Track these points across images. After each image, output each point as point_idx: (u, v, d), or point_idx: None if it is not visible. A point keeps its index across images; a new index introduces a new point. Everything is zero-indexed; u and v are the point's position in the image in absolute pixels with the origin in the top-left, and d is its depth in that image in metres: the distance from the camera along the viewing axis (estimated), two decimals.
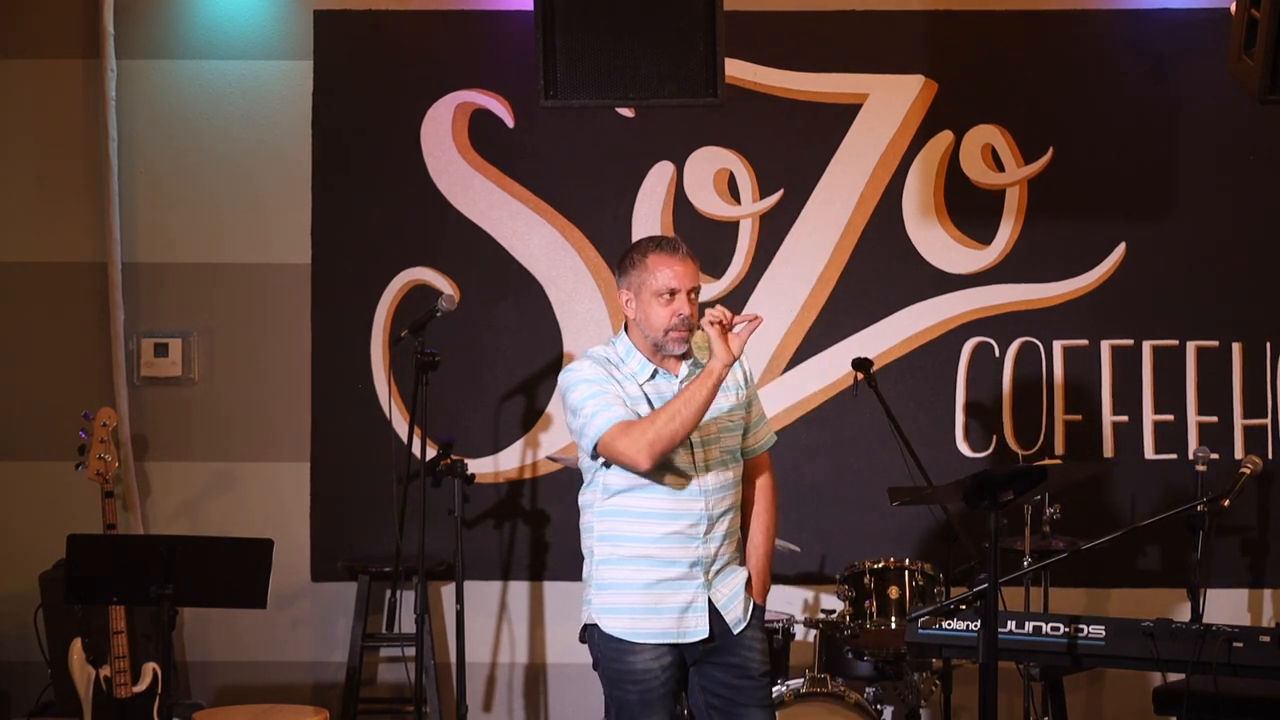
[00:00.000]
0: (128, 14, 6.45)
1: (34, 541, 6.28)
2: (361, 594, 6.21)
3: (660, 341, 4.14)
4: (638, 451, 3.99)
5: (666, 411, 4.01)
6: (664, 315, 4.12)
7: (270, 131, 6.50)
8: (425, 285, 6.45)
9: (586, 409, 4.08)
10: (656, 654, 4.11)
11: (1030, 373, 6.39)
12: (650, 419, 4.02)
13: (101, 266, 6.45)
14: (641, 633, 4.11)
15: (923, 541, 5.94)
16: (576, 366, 4.17)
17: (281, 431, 6.48)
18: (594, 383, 4.11)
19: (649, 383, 4.16)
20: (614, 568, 4.16)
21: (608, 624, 4.14)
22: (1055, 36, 6.37)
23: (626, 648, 4.12)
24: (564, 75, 4.99)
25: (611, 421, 4.03)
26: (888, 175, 6.40)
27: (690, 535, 4.12)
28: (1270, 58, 4.60)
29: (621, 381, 4.13)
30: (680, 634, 4.12)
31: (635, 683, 4.11)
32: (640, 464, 4.02)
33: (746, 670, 4.18)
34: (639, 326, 4.17)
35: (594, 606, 4.19)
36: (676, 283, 4.11)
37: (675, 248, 4.17)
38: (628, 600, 4.13)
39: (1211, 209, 6.35)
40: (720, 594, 4.17)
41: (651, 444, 3.99)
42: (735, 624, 4.18)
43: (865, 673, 5.49)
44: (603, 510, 4.21)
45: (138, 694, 5.64)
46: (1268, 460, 6.25)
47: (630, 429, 4.01)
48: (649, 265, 4.14)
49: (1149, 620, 4.39)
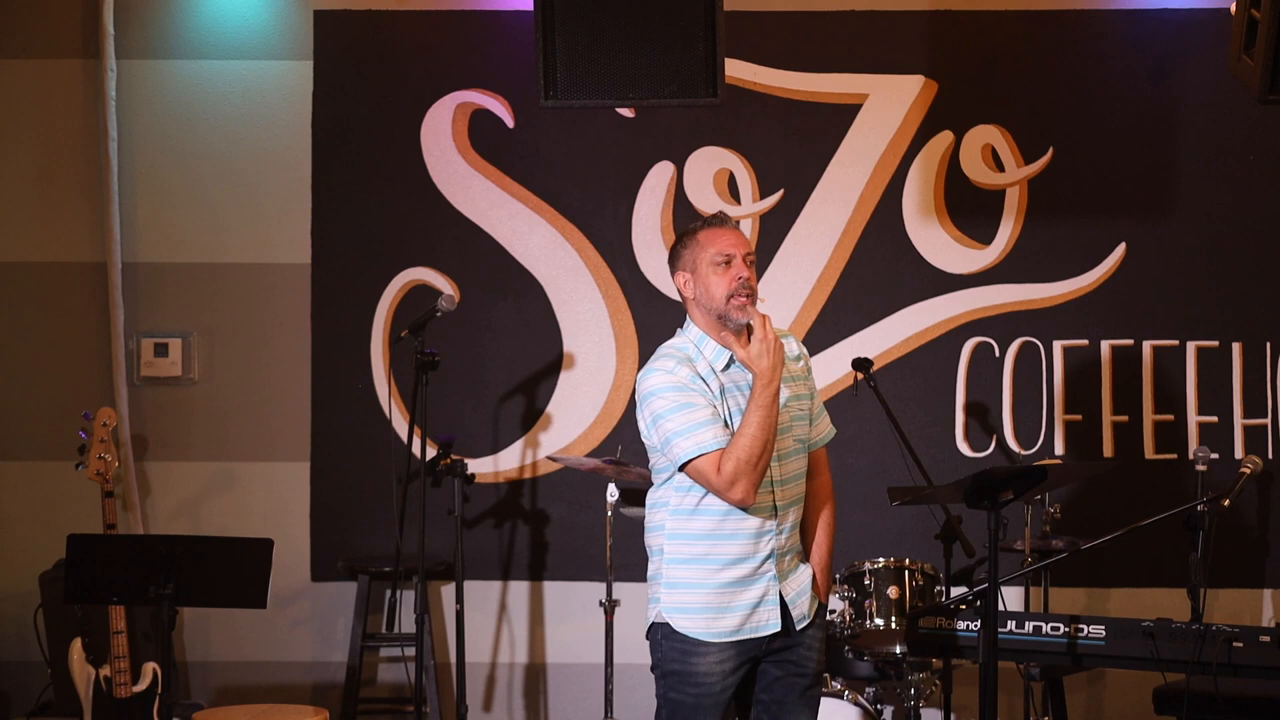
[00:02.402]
0: (128, 14, 6.46)
1: (34, 541, 6.28)
2: (361, 594, 6.21)
3: (724, 311, 4.08)
4: (743, 495, 3.96)
5: (755, 447, 3.94)
6: (724, 282, 4.07)
7: (270, 131, 6.50)
8: (425, 285, 6.45)
9: (673, 423, 4.00)
10: (721, 658, 4.06)
11: (1030, 373, 6.39)
12: (744, 461, 3.93)
13: (101, 266, 6.45)
14: (716, 632, 4.06)
15: (923, 541, 5.94)
16: (661, 366, 4.07)
17: (281, 431, 6.48)
18: (684, 390, 4.02)
19: (725, 373, 4.09)
20: (686, 566, 4.10)
21: (680, 623, 4.08)
22: (1055, 36, 6.37)
23: (693, 649, 4.06)
24: (564, 75, 4.99)
25: (705, 449, 3.97)
26: (888, 175, 6.40)
27: (763, 530, 4.07)
28: (1270, 58, 4.60)
29: (705, 378, 4.06)
30: (754, 629, 4.07)
31: (695, 685, 4.06)
32: (743, 504, 3.99)
33: (802, 668, 4.14)
34: (701, 305, 4.12)
35: (664, 605, 4.12)
36: (732, 248, 4.10)
37: (724, 220, 4.18)
38: (701, 599, 4.07)
39: (1211, 209, 6.35)
40: (790, 589, 4.13)
41: (752, 484, 3.96)
42: (800, 620, 4.13)
43: (865, 673, 5.49)
44: (677, 509, 4.12)
45: (138, 694, 5.64)
46: (1268, 460, 6.26)
47: (726, 465, 3.94)
48: (700, 240, 4.13)
49: (1149, 620, 4.39)
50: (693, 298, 4.14)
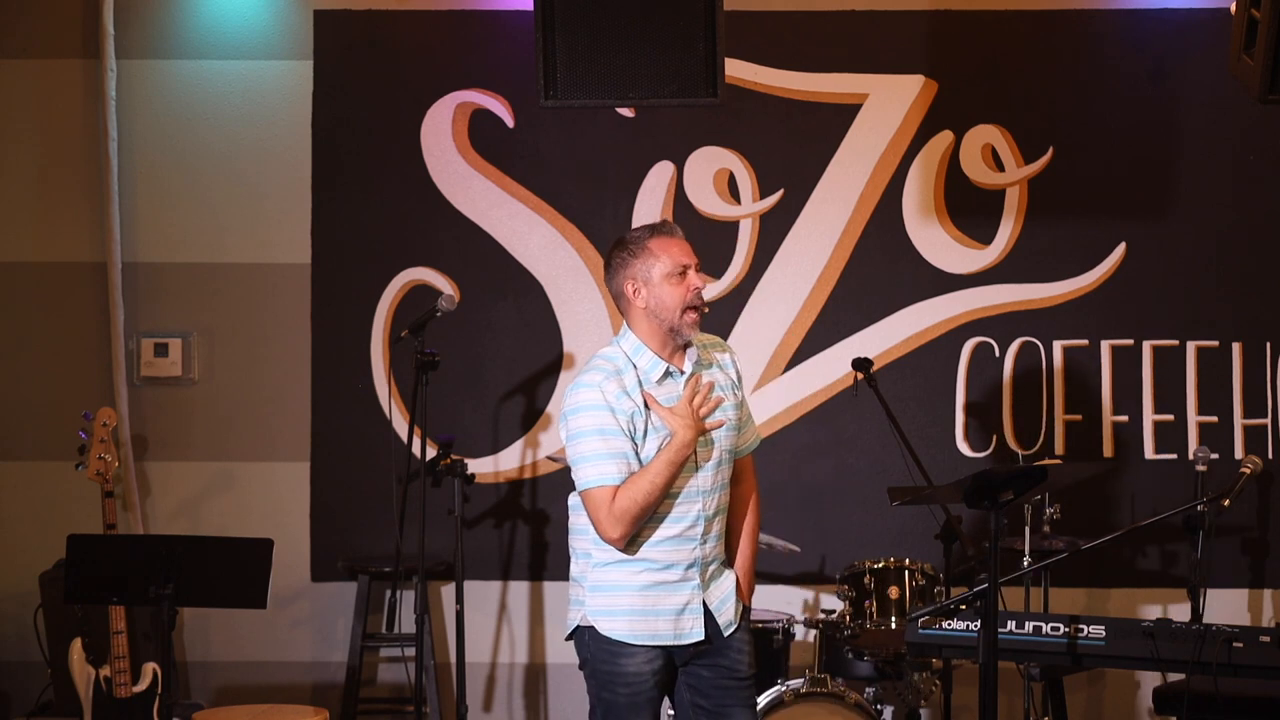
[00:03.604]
0: (128, 14, 6.46)
1: (34, 541, 6.28)
2: (361, 594, 6.21)
3: (677, 324, 4.08)
4: (616, 535, 4.00)
5: (642, 492, 3.97)
6: (680, 293, 4.07)
7: (270, 131, 6.50)
8: (425, 285, 6.45)
9: (583, 447, 4.03)
10: (649, 657, 4.09)
11: (1030, 373, 6.39)
12: (632, 503, 3.97)
13: (101, 266, 6.45)
14: (639, 635, 4.09)
15: (923, 541, 5.94)
16: (587, 382, 4.06)
17: (281, 431, 6.48)
18: (597, 412, 4.02)
19: (659, 385, 4.09)
20: (611, 570, 4.11)
21: (604, 626, 4.10)
22: (1055, 36, 6.37)
23: (620, 650, 4.09)
24: (564, 75, 4.99)
25: (603, 481, 4.00)
26: (888, 175, 6.40)
27: (688, 537, 4.10)
28: (1270, 58, 4.60)
29: (629, 391, 4.04)
30: (677, 636, 4.10)
31: (626, 685, 4.09)
32: (612, 542, 4.03)
33: (734, 671, 4.17)
34: (652, 315, 4.10)
35: (589, 608, 4.14)
36: (687, 259, 4.10)
37: (672, 230, 4.16)
38: (625, 603, 4.10)
39: (1211, 209, 6.35)
40: (713, 596, 4.15)
41: (629, 526, 3.99)
42: (727, 626, 4.16)
43: (865, 673, 5.49)
44: None
45: (138, 694, 5.64)
46: (1268, 460, 6.25)
47: (613, 502, 3.98)
48: (652, 249, 4.10)
49: (1149, 620, 4.40)
50: (644, 307, 4.11)
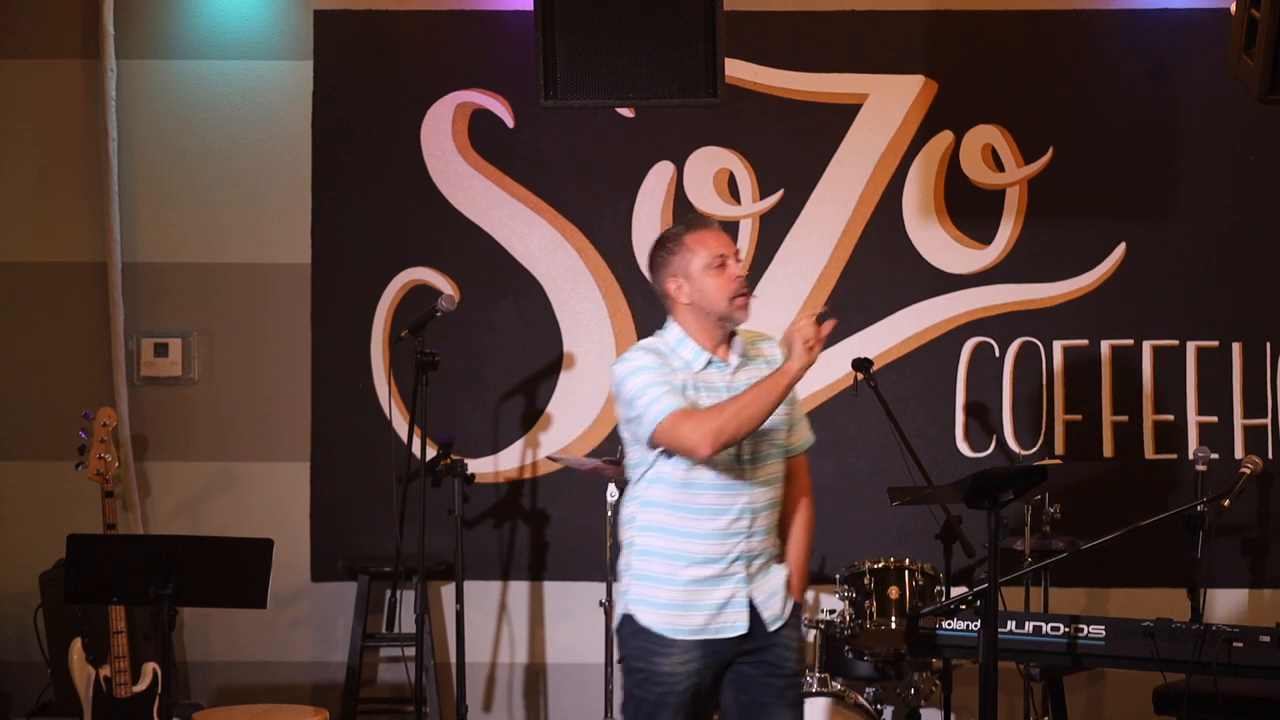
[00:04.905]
0: (128, 14, 6.45)
1: (34, 541, 6.28)
2: (361, 594, 6.21)
3: (726, 311, 4.10)
4: (702, 437, 3.92)
5: (735, 404, 3.96)
6: (723, 283, 4.09)
7: (270, 131, 6.50)
8: (425, 285, 6.45)
9: (644, 397, 4.01)
10: (685, 658, 4.06)
11: (1030, 373, 6.38)
12: (718, 409, 3.96)
13: (101, 266, 6.45)
14: (679, 629, 4.06)
15: (923, 541, 5.94)
16: (630, 357, 4.11)
17: (281, 431, 6.48)
18: (649, 370, 4.04)
19: (702, 373, 4.10)
20: (654, 560, 4.10)
21: (644, 617, 4.08)
22: (1055, 36, 6.37)
23: (657, 647, 4.06)
24: (564, 75, 4.99)
25: (671, 408, 3.97)
26: (888, 175, 6.40)
27: (733, 531, 4.08)
28: (1270, 58, 4.60)
29: (674, 371, 4.07)
30: (717, 630, 4.07)
31: (659, 684, 4.06)
32: (700, 451, 3.94)
33: (779, 668, 4.14)
34: (697, 309, 4.11)
35: (630, 597, 4.13)
36: (724, 249, 4.12)
37: (707, 222, 4.20)
38: (666, 594, 4.08)
39: (1211, 209, 6.34)
40: (760, 591, 4.12)
41: (716, 433, 3.92)
42: (772, 621, 4.13)
43: (865, 673, 5.49)
44: (648, 501, 4.13)
45: (138, 694, 5.64)
46: (1268, 460, 6.25)
47: (693, 415, 3.96)
48: (689, 244, 4.12)
49: (1149, 620, 4.39)
50: (688, 302, 4.13)
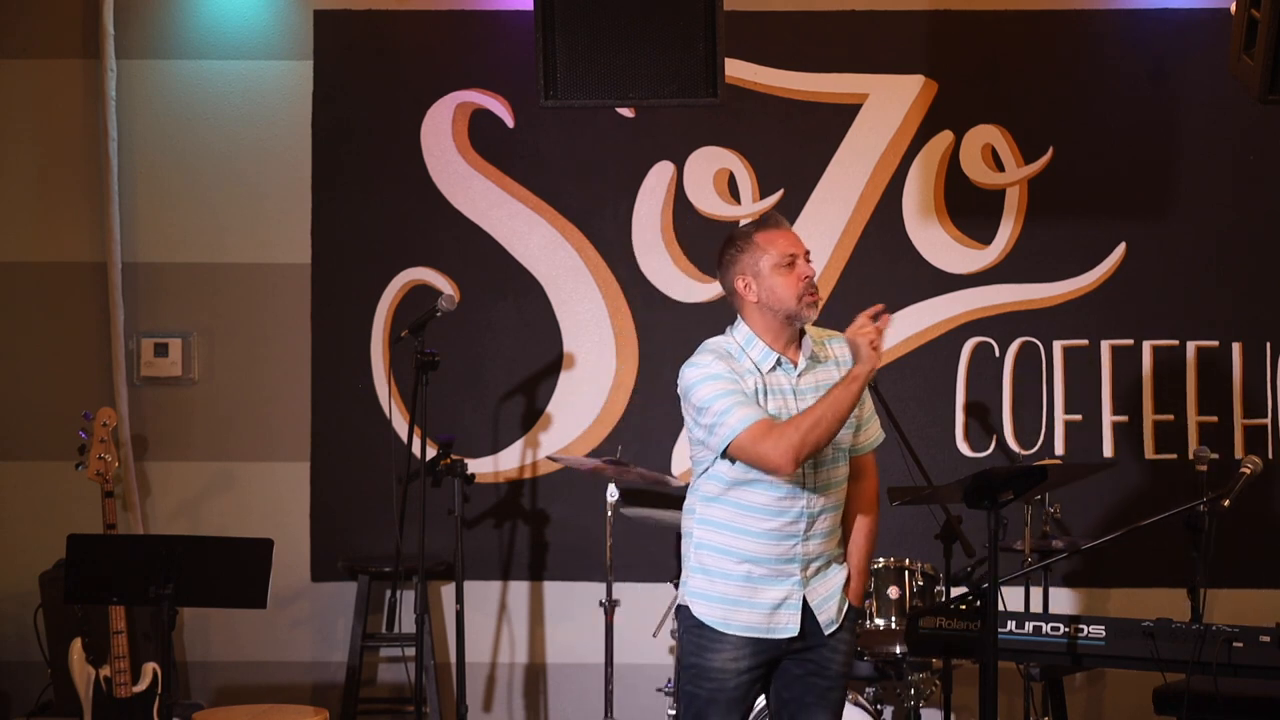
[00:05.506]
0: (128, 14, 6.45)
1: (34, 541, 6.28)
2: (361, 594, 6.21)
3: (795, 311, 4.07)
4: (782, 455, 3.90)
5: (810, 417, 3.92)
6: (792, 283, 4.06)
7: (270, 131, 6.50)
8: (425, 285, 6.45)
9: (717, 406, 3.97)
10: (736, 655, 4.05)
11: (1030, 373, 6.38)
12: (794, 424, 3.93)
13: (101, 266, 6.45)
14: (732, 625, 4.05)
15: (923, 541, 5.93)
16: (699, 361, 4.07)
17: (281, 431, 6.48)
18: (722, 378, 4.00)
19: (770, 374, 4.07)
20: (709, 554, 4.09)
21: (699, 609, 4.07)
22: (1055, 36, 6.37)
23: (709, 643, 4.05)
24: (564, 75, 4.99)
25: (749, 421, 3.93)
26: (888, 175, 6.40)
27: (790, 532, 4.05)
28: (1270, 58, 4.60)
29: (743, 375, 4.04)
30: (769, 629, 4.05)
31: (710, 680, 4.06)
32: (784, 469, 3.92)
33: (824, 669, 4.11)
34: (765, 308, 4.08)
35: (688, 588, 4.12)
36: (794, 249, 4.09)
37: (778, 221, 4.17)
38: (721, 589, 4.06)
39: (1211, 209, 6.34)
40: (816, 593, 4.09)
41: (797, 448, 3.90)
42: (827, 625, 4.10)
43: (865, 673, 5.49)
44: (707, 496, 4.11)
45: (138, 694, 5.64)
46: (1268, 460, 6.25)
47: (770, 432, 3.92)
48: (759, 243, 4.10)
49: (1149, 620, 4.39)
50: (756, 301, 4.10)
